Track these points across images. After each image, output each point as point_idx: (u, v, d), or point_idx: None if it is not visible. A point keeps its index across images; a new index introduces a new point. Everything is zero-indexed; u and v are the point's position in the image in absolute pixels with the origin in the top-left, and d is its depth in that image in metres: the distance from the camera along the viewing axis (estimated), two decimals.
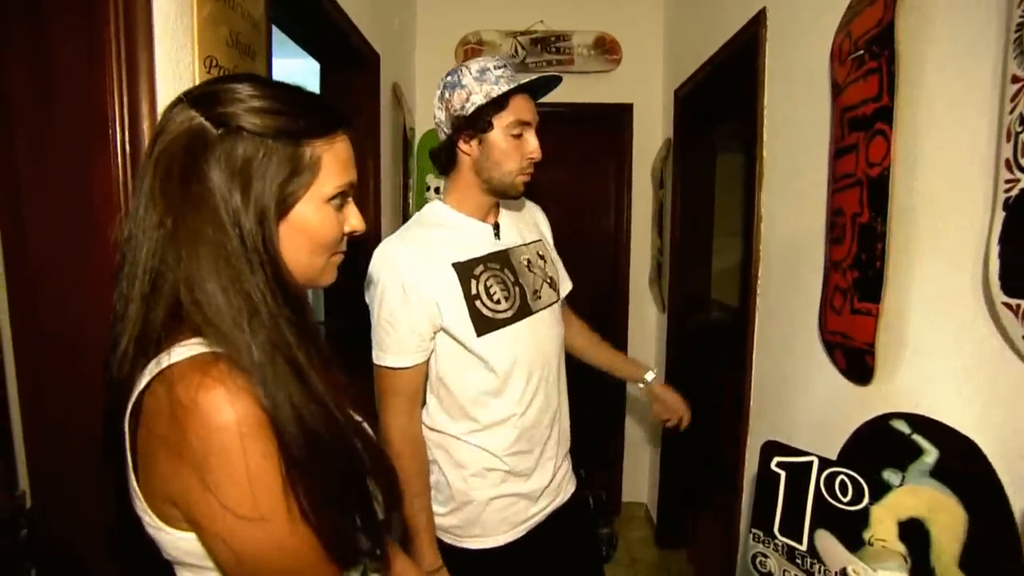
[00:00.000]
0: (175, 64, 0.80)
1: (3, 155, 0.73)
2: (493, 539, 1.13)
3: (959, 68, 0.82)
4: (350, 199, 0.62)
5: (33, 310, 0.77)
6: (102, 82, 0.70)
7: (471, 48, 2.57)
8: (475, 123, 1.05)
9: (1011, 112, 0.67)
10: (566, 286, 1.36)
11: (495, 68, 1.04)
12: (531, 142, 1.08)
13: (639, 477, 2.83)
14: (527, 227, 1.25)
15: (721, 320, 2.61)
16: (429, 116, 2.63)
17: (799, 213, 1.29)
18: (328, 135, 0.57)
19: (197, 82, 0.82)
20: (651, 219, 2.67)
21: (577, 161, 2.74)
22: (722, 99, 2.09)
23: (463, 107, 1.05)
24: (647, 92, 2.62)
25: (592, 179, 2.76)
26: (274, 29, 1.48)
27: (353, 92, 1.87)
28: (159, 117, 0.65)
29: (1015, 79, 0.67)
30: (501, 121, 1.05)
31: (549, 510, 1.20)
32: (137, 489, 0.52)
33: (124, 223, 0.54)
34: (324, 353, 0.59)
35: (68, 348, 0.77)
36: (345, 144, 0.59)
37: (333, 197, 0.58)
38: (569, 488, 1.27)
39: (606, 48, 2.59)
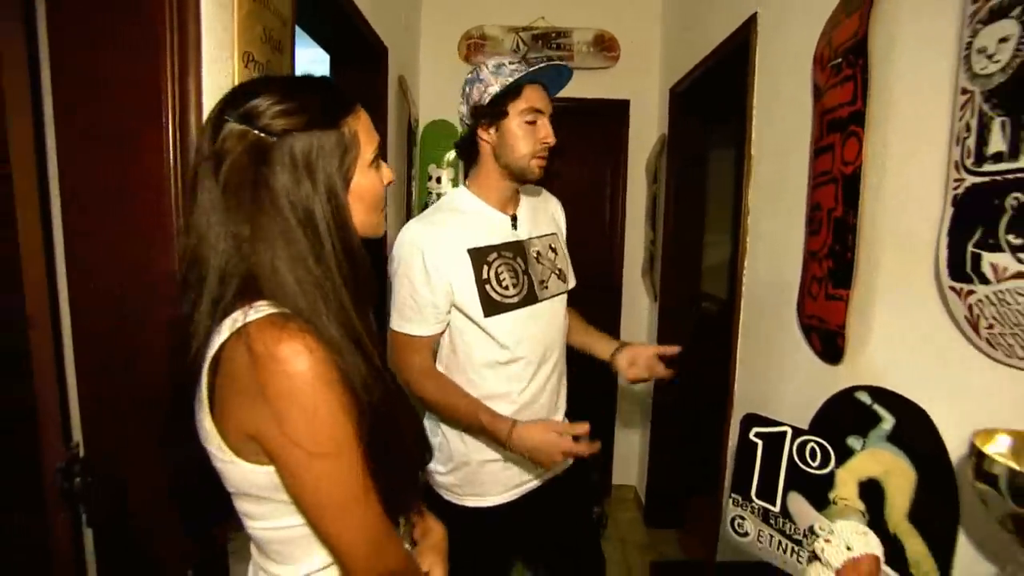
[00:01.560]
0: (219, 61, 0.87)
1: (63, 143, 0.81)
2: (489, 499, 1.24)
3: (923, 79, 0.91)
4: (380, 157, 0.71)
5: (89, 285, 0.86)
6: (157, 77, 0.77)
7: (474, 42, 2.64)
8: (492, 111, 1.15)
9: (960, 120, 0.77)
10: (573, 281, 1.44)
11: (510, 64, 1.15)
12: (544, 128, 1.17)
13: (629, 461, 2.94)
14: (544, 220, 1.34)
15: (710, 310, 2.72)
16: (432, 108, 2.70)
17: (783, 207, 1.38)
18: (353, 110, 0.66)
19: (236, 76, 0.90)
20: (645, 212, 2.76)
21: (575, 155, 2.81)
22: (716, 99, 2.18)
23: (481, 98, 1.15)
24: (644, 89, 2.70)
25: (589, 172, 2.84)
26: None
27: (362, 84, 1.94)
28: (203, 116, 0.73)
29: (963, 91, 0.76)
30: (515, 108, 1.15)
31: (545, 477, 1.30)
32: (213, 428, 0.60)
33: (186, 239, 0.61)
34: (371, 291, 0.67)
35: (118, 325, 0.85)
36: (363, 112, 0.68)
37: (372, 161, 0.68)
38: (567, 460, 1.36)
39: (605, 45, 2.66)
